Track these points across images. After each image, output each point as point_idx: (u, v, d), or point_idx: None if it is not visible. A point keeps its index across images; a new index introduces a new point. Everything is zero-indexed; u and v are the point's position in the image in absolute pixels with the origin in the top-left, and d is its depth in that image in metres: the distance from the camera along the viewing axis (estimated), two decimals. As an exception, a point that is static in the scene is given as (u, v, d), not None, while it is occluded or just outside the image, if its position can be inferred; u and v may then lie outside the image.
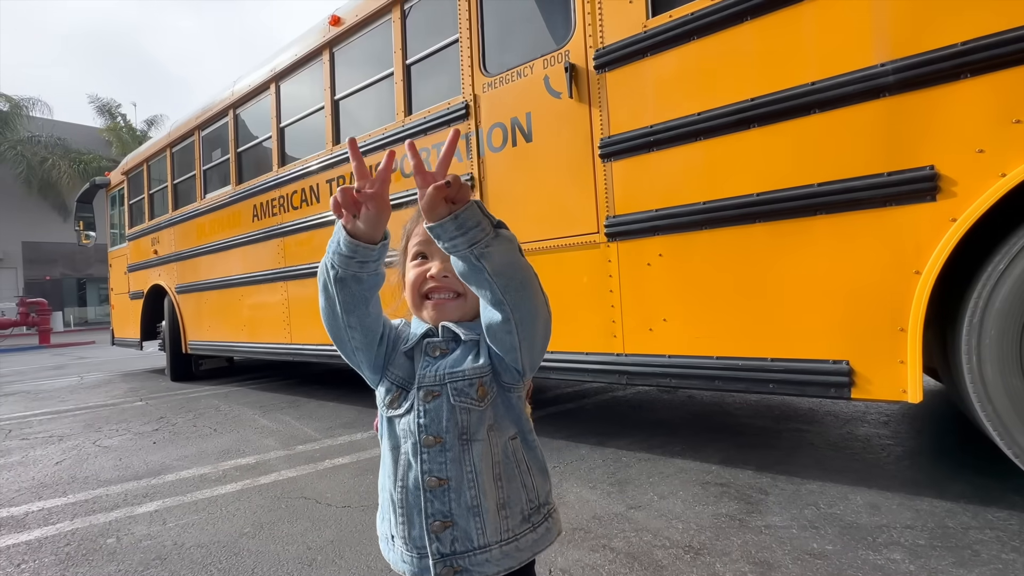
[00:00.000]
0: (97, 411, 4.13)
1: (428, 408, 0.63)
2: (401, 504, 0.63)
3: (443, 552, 0.62)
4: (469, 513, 0.62)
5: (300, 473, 2.35)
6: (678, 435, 2.53)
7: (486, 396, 0.65)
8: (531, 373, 0.68)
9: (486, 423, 0.65)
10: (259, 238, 4.10)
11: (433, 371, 0.65)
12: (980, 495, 1.69)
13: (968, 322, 1.49)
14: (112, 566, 1.60)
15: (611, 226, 2.16)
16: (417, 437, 0.63)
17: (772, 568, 1.36)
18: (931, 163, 1.51)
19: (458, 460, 0.62)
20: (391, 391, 0.67)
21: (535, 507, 0.66)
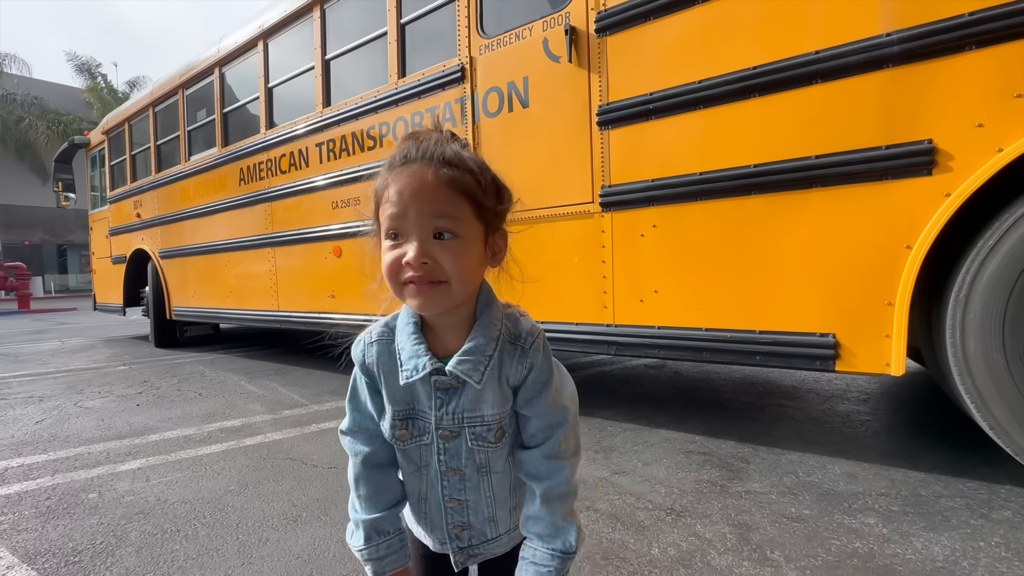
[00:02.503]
0: (79, 374, 4.07)
1: (448, 447, 0.63)
2: (424, 514, 0.68)
3: (461, 546, 0.68)
4: (486, 521, 0.67)
5: (286, 436, 2.34)
6: (664, 408, 2.56)
7: (503, 436, 0.63)
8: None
9: (505, 455, 0.65)
10: (246, 203, 4.01)
11: (451, 413, 0.61)
12: (952, 467, 1.74)
13: (955, 297, 1.51)
14: (94, 519, 1.59)
15: (606, 196, 2.14)
16: (437, 468, 0.64)
17: (751, 529, 1.40)
18: (929, 137, 1.51)
19: (477, 487, 0.65)
20: (396, 426, 0.62)
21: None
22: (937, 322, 1.63)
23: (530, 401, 0.63)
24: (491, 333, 0.61)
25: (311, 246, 3.51)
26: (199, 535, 1.48)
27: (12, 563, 1.36)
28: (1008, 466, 1.69)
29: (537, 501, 0.62)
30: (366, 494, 0.65)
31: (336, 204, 3.30)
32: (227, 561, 1.33)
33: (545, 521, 0.62)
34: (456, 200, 0.57)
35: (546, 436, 0.63)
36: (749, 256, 1.84)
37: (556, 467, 0.63)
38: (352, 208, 3.20)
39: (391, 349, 0.63)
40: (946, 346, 1.54)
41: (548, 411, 0.63)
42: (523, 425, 0.65)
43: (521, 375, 0.62)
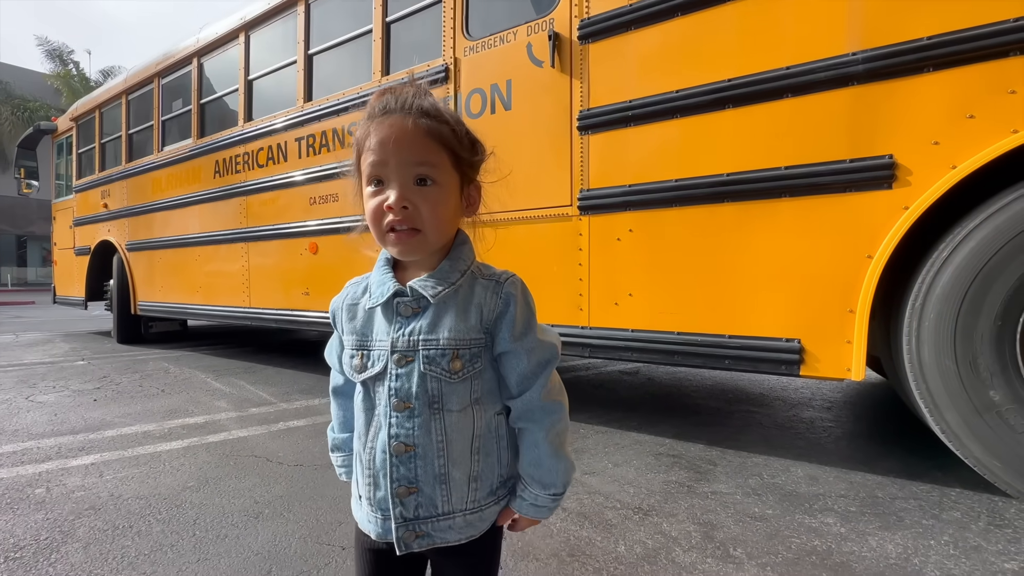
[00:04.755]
0: (33, 368, 3.88)
1: (400, 372, 0.60)
2: (368, 466, 0.62)
3: (406, 516, 0.60)
4: (435, 481, 0.60)
5: (252, 433, 2.28)
6: (636, 412, 2.59)
7: (461, 369, 0.60)
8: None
9: (468, 396, 0.61)
10: (220, 196, 3.91)
11: (406, 334, 0.60)
12: (908, 471, 1.81)
13: (911, 306, 1.58)
14: (39, 515, 1.51)
15: (584, 200, 2.17)
16: (388, 401, 0.60)
17: (715, 528, 1.42)
18: (890, 152, 1.58)
19: (427, 428, 0.60)
20: (354, 356, 0.64)
21: (503, 481, 0.66)
22: (895, 330, 1.70)
23: (521, 335, 0.62)
24: (457, 265, 0.63)
25: (286, 242, 3.45)
26: (153, 531, 1.42)
27: (-55, 559, 1.28)
28: (958, 470, 1.76)
29: (544, 446, 0.63)
30: (335, 414, 0.75)
31: (314, 200, 3.26)
32: (182, 557, 1.28)
33: (548, 466, 0.64)
34: (435, 148, 0.59)
35: (537, 374, 0.63)
36: (721, 262, 1.88)
37: (556, 404, 0.65)
38: (330, 204, 3.16)
39: (365, 286, 0.67)
40: (903, 353, 1.61)
41: (538, 345, 0.64)
42: (514, 368, 0.63)
43: (497, 307, 0.62)
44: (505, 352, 0.63)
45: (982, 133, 1.46)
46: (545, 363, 0.64)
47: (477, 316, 0.61)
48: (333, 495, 1.63)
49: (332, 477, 1.78)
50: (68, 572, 1.22)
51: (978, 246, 1.46)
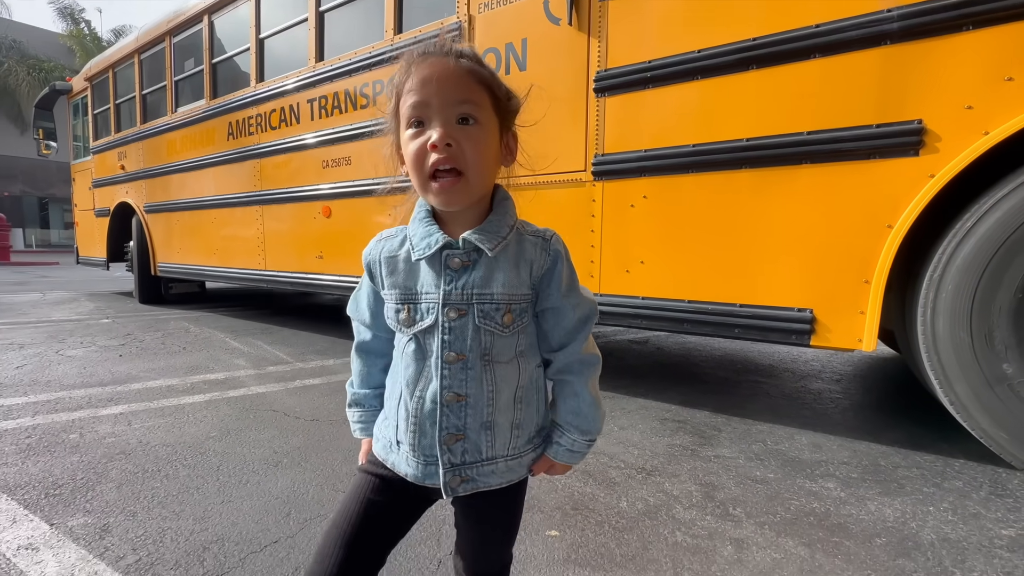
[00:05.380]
0: (61, 325, 4.03)
1: (453, 326, 0.60)
2: (415, 414, 0.62)
3: (453, 462, 0.62)
4: (482, 428, 0.62)
5: (270, 390, 2.36)
6: (643, 380, 2.62)
7: (512, 323, 0.62)
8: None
9: (514, 348, 0.63)
10: (234, 158, 3.92)
11: (459, 288, 0.60)
12: (912, 441, 1.82)
13: (929, 277, 1.55)
14: (75, 457, 1.61)
15: (599, 165, 2.13)
16: (439, 353, 0.61)
17: (716, 489, 1.46)
18: (919, 117, 1.52)
19: (479, 379, 0.61)
20: (399, 311, 0.63)
21: (539, 430, 0.68)
22: (910, 302, 1.67)
23: (568, 292, 0.64)
24: (505, 220, 0.63)
25: (300, 205, 3.47)
26: (180, 475, 1.50)
27: (-8, 493, 1.38)
28: (964, 443, 1.76)
29: (585, 396, 0.66)
30: (357, 370, 0.74)
31: (327, 163, 3.25)
32: (207, 499, 1.36)
33: (587, 414, 0.66)
34: (477, 88, 0.59)
35: (579, 329, 0.66)
36: (735, 230, 1.86)
37: (594, 356, 0.67)
38: (343, 168, 3.15)
39: (402, 239, 0.65)
40: (917, 325, 1.59)
41: (582, 301, 0.66)
42: (558, 323, 0.65)
43: (545, 263, 0.63)
44: (552, 308, 0.65)
45: (1020, 97, 1.39)
46: (587, 319, 0.66)
47: (527, 272, 0.62)
48: (347, 448, 1.70)
49: (346, 432, 1.85)
50: (103, 508, 1.31)
51: (1004, 217, 1.42)
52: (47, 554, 1.12)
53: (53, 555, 1.11)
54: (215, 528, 1.23)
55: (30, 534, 1.19)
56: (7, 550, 1.13)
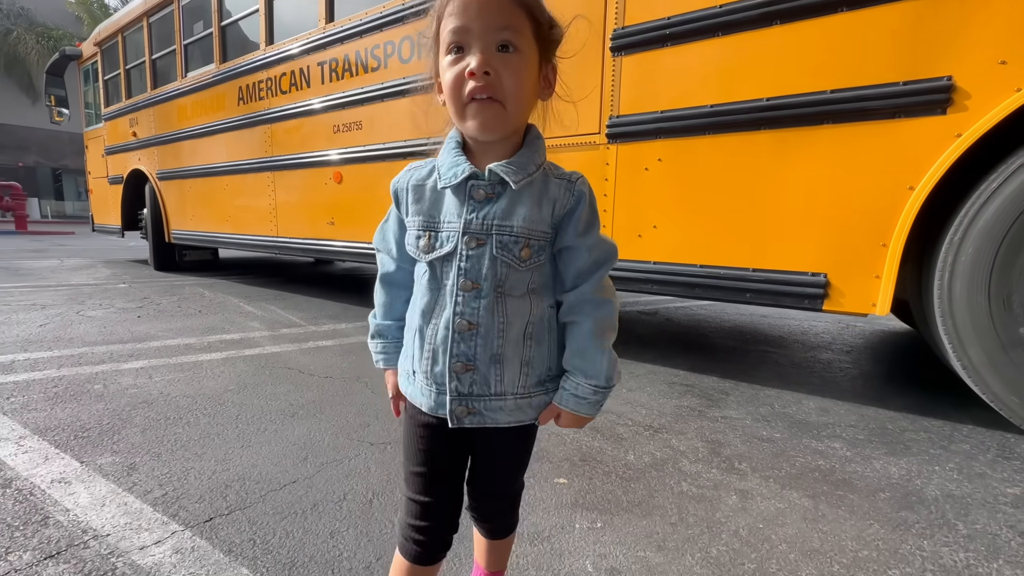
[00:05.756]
0: (80, 288, 4.12)
1: (471, 254, 0.61)
2: (430, 341, 0.64)
3: (461, 392, 0.63)
4: (491, 361, 0.63)
5: (284, 349, 2.41)
6: (652, 347, 2.63)
7: (529, 258, 0.62)
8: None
9: (527, 284, 0.63)
10: (244, 124, 3.90)
11: (480, 218, 0.61)
12: (921, 407, 1.82)
13: (949, 240, 1.52)
14: (100, 405, 1.67)
15: (613, 127, 2.09)
16: (455, 281, 0.62)
17: (722, 446, 1.48)
18: (949, 73, 1.46)
19: (491, 309, 0.62)
20: (421, 236, 0.64)
21: (551, 376, 0.68)
22: (927, 268, 1.65)
23: (584, 232, 0.64)
24: (534, 158, 0.62)
25: (311, 171, 3.46)
26: (200, 422, 1.55)
27: (24, 434, 1.44)
28: (974, 409, 1.76)
29: (589, 336, 0.65)
30: (380, 302, 0.74)
31: (337, 128, 3.23)
32: (227, 444, 1.42)
33: (592, 356, 0.65)
34: (519, 15, 0.58)
35: (593, 271, 0.65)
36: (751, 194, 1.83)
37: (606, 300, 0.66)
38: (354, 133, 3.13)
39: (431, 169, 0.65)
40: (933, 289, 1.57)
41: (599, 243, 0.66)
42: (572, 263, 0.65)
43: (569, 203, 0.63)
44: (567, 247, 0.65)
45: (1057, 51, 1.33)
46: (602, 262, 0.66)
47: (549, 210, 0.63)
48: (360, 402, 1.74)
49: (359, 388, 1.90)
50: (130, 449, 1.37)
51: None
52: (79, 487, 1.17)
53: (85, 488, 1.17)
54: (236, 469, 1.28)
55: (62, 470, 1.25)
56: (41, 483, 1.19)
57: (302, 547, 0.98)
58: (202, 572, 0.91)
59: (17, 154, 22.01)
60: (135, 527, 1.03)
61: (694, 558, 0.99)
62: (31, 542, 0.98)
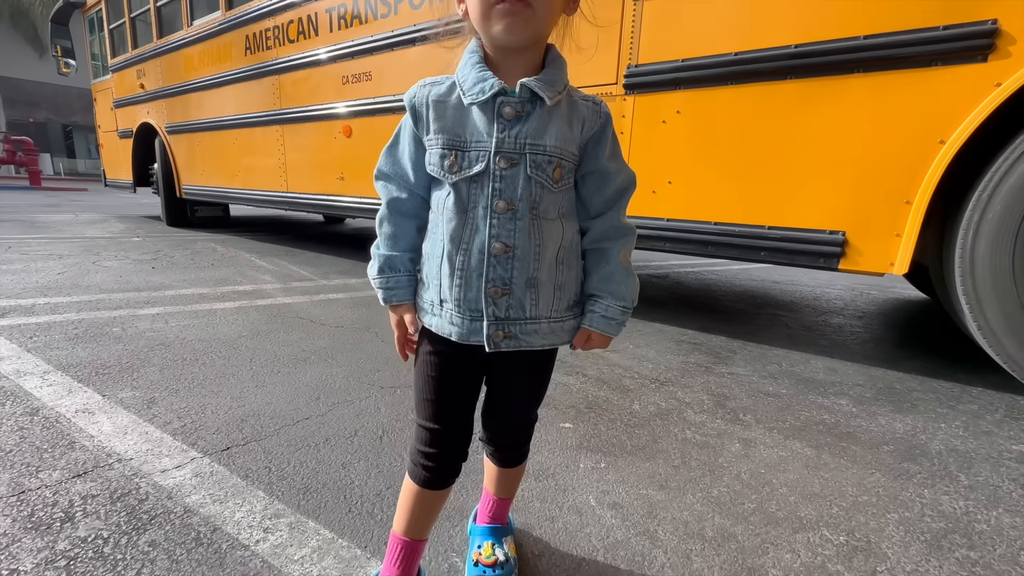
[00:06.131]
0: (94, 240, 4.18)
1: (505, 174, 0.59)
2: (461, 267, 0.62)
3: (498, 316, 0.63)
4: (527, 285, 0.62)
5: (295, 301, 2.44)
6: (662, 308, 2.62)
7: (561, 180, 0.62)
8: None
9: (558, 207, 0.63)
10: (252, 74, 3.82)
11: (513, 137, 0.59)
12: (932, 370, 1.81)
13: (976, 198, 1.47)
14: (119, 346, 1.72)
15: (631, 76, 2.01)
16: (490, 201, 0.60)
17: (728, 399, 1.49)
18: (994, 16, 1.37)
19: (527, 231, 0.61)
20: (445, 156, 0.61)
21: (579, 299, 0.68)
22: (951, 228, 1.60)
23: (611, 155, 0.65)
24: (560, 76, 0.62)
25: (320, 124, 3.40)
26: (216, 363, 1.60)
27: (48, 369, 1.49)
28: (985, 374, 1.75)
29: (617, 261, 0.67)
30: (387, 233, 0.69)
31: (346, 79, 3.15)
32: (242, 383, 1.45)
33: (620, 280, 0.67)
34: None
35: (618, 199, 0.67)
36: (772, 148, 1.77)
37: (630, 228, 0.68)
38: (363, 84, 3.05)
39: (451, 85, 0.63)
40: (955, 248, 1.53)
41: (623, 168, 0.66)
42: (598, 188, 0.66)
43: (596, 124, 0.64)
44: (595, 171, 0.65)
45: (1116, -10, 1.23)
46: (625, 189, 0.67)
47: (579, 129, 0.62)
48: (371, 350, 1.77)
49: (370, 337, 1.93)
50: (149, 385, 1.41)
51: (1073, 130, 1.31)
52: (102, 417, 1.22)
53: (107, 418, 1.22)
54: (251, 406, 1.32)
55: (85, 401, 1.30)
56: (66, 412, 1.24)
57: (315, 475, 1.02)
58: (221, 493, 0.95)
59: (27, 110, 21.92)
60: (156, 453, 1.08)
61: (695, 497, 1.01)
62: (59, 463, 1.03)
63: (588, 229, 0.68)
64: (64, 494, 0.93)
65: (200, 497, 0.94)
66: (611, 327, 0.67)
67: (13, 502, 0.91)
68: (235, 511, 0.90)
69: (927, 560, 0.86)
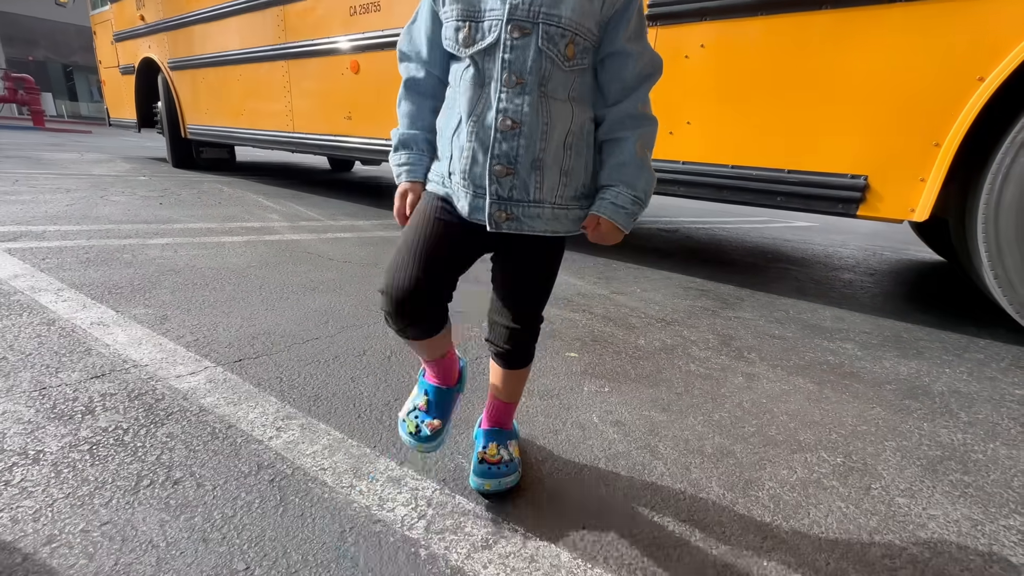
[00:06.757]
0: (101, 178, 4.15)
1: (516, 44, 0.58)
2: (469, 138, 0.62)
3: (501, 195, 0.62)
4: (532, 166, 0.62)
5: (303, 238, 2.44)
6: (670, 258, 2.60)
7: (573, 57, 0.59)
8: None
9: (568, 88, 0.61)
10: (256, 5, 3.65)
11: (527, 3, 0.57)
12: (940, 322, 1.80)
13: (1010, 140, 1.41)
14: (130, 270, 1.73)
15: (655, 6, 1.90)
16: (499, 74, 0.59)
17: (733, 339, 1.50)
18: (1056, -63, 1.26)
19: (535, 108, 0.60)
20: (460, 28, 0.60)
21: (587, 192, 0.67)
22: (977, 177, 1.54)
23: (633, 36, 0.62)
24: None
25: (326, 60, 3.28)
26: (226, 288, 1.61)
27: (62, 287, 1.51)
28: (993, 329, 1.74)
29: (632, 150, 0.64)
30: (404, 111, 0.70)
31: (354, 10, 3.00)
32: (252, 306, 1.47)
33: (635, 169, 0.64)
34: None
35: (638, 86, 0.64)
36: (798, 87, 1.68)
37: (649, 117, 0.65)
38: (372, 15, 2.91)
39: None
40: (981, 195, 1.48)
41: (645, 51, 0.63)
42: (618, 72, 0.63)
43: (618, 2, 0.61)
44: (614, 52, 0.62)
45: None
46: (648, 75, 0.64)
47: (600, 4, 0.60)
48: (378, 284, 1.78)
49: (377, 272, 1.93)
50: (161, 304, 1.43)
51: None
52: (116, 329, 1.25)
53: (122, 330, 1.24)
54: (261, 325, 1.34)
55: (100, 315, 1.32)
56: (82, 324, 1.26)
57: (325, 386, 1.05)
58: (234, 397, 0.98)
59: (25, 47, 21.31)
60: (171, 361, 1.10)
61: (696, 419, 1.03)
62: (77, 365, 1.06)
63: (604, 118, 0.65)
64: (84, 391, 0.97)
65: (214, 399, 0.97)
66: (620, 215, 0.65)
67: (35, 396, 0.94)
68: (248, 412, 0.93)
69: (921, 481, 0.88)
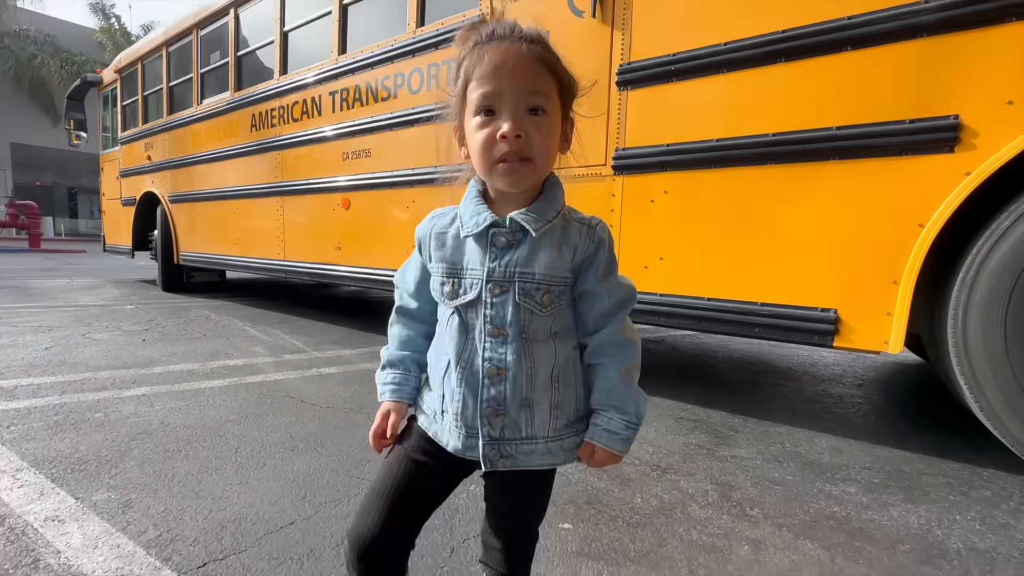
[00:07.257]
0: (87, 309, 4.15)
1: (495, 301, 0.63)
2: (459, 384, 0.64)
3: (493, 436, 0.64)
4: (521, 406, 0.64)
5: (287, 377, 2.39)
6: (659, 379, 2.59)
7: (550, 304, 0.63)
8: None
9: (550, 328, 0.65)
10: (256, 149, 3.98)
11: (503, 265, 0.62)
12: (938, 449, 1.76)
13: (961, 279, 1.50)
14: (100, 435, 1.65)
15: (619, 159, 2.11)
16: (482, 325, 0.63)
17: (733, 489, 1.43)
18: (956, 112, 1.47)
19: (518, 354, 0.63)
20: (445, 283, 0.65)
21: (580, 417, 0.68)
22: (940, 305, 1.62)
23: (604, 277, 0.65)
24: (553, 205, 0.64)
25: (320, 197, 3.50)
26: (199, 455, 1.53)
27: (21, 466, 1.42)
28: (993, 452, 1.70)
29: (615, 376, 0.66)
30: (394, 334, 0.74)
31: (347, 155, 3.28)
32: (225, 480, 1.39)
33: (623, 394, 0.66)
34: (546, 77, 0.60)
35: (614, 313, 0.66)
36: (758, 227, 1.82)
37: (630, 342, 0.67)
38: (363, 160, 3.18)
39: (453, 217, 0.67)
40: (947, 328, 1.54)
41: (619, 286, 0.67)
42: (593, 306, 0.66)
43: (589, 248, 0.64)
44: (587, 291, 0.66)
45: (1065, 92, 1.33)
46: (623, 304, 0.67)
47: (570, 255, 0.64)
48: (361, 435, 1.71)
49: (361, 419, 1.87)
50: (126, 485, 1.34)
51: (1045, 217, 1.36)
52: (72, 526, 1.15)
53: (78, 527, 1.14)
54: (233, 508, 1.25)
55: (56, 507, 1.23)
56: (34, 520, 1.16)
57: (297, 598, 0.95)
58: (192, 625, 0.88)
59: (35, 173, 22.56)
60: (126, 573, 1.00)
61: (705, 617, 0.94)
62: (19, 587, 0.95)
63: (587, 345, 0.68)
64: (20, 630, 0.85)
65: (169, 630, 0.86)
66: (615, 442, 0.65)
67: (-38, 642, 0.83)
68: (206, 648, 0.83)
69: None
